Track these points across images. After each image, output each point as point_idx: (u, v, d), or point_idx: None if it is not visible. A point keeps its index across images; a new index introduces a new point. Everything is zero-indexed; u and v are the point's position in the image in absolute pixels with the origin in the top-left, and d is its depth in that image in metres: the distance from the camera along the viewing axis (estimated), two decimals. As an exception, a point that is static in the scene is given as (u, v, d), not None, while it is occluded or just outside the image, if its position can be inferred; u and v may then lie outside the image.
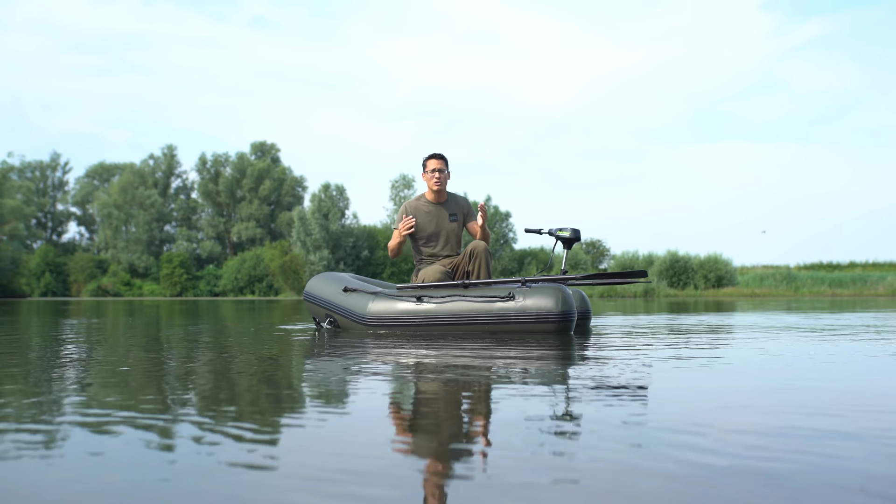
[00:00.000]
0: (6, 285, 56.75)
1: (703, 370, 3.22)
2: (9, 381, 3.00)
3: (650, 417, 2.07)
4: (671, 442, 1.74)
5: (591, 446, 1.71)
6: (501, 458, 1.61)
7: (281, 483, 1.42)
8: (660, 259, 40.35)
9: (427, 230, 6.00)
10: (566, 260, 6.09)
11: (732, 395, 2.54)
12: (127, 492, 1.38)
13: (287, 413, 2.20)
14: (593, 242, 53.87)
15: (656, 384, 2.78)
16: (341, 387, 2.77)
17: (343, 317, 5.80)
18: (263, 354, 4.12)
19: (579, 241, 6.10)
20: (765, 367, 3.36)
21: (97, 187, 74.35)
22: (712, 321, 7.86)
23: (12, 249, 57.32)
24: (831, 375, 3.10)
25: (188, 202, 72.26)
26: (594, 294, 35.91)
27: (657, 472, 1.48)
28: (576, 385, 2.71)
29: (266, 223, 69.45)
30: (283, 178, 70.01)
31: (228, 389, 2.75)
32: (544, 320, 5.22)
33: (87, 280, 61.46)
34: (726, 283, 38.75)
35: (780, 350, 4.20)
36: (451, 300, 5.40)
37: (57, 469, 1.54)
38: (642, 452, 1.64)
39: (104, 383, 2.91)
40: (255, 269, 56.69)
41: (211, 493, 1.36)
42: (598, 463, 1.55)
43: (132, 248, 66.66)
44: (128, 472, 1.51)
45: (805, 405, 2.28)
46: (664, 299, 27.69)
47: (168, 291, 59.78)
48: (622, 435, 1.82)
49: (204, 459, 1.60)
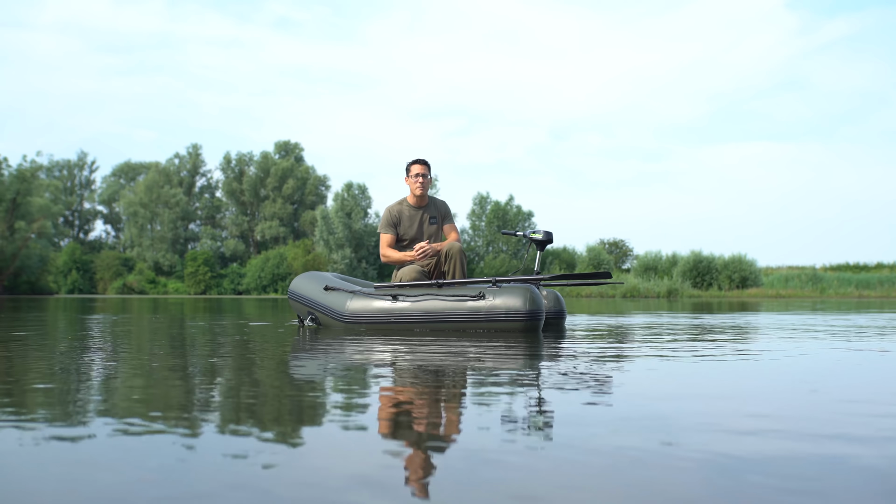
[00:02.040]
0: (34, 282, 57.53)
1: (650, 370, 3.21)
2: (37, 376, 3.06)
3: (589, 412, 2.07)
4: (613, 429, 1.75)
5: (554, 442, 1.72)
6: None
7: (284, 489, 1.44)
8: (683, 259, 40.09)
9: (409, 233, 6.23)
10: (539, 261, 6.28)
11: (669, 394, 2.53)
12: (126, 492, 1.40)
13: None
14: (616, 242, 53.61)
15: (593, 380, 2.78)
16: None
17: (323, 314, 6.01)
18: (236, 353, 4.16)
19: (551, 243, 6.29)
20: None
21: (123, 186, 75.17)
22: (691, 322, 7.81)
23: (40, 247, 58.10)
24: (803, 370, 3.08)
25: (212, 201, 72.83)
26: (616, 294, 35.78)
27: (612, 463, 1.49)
28: (521, 378, 2.71)
29: (289, 222, 69.85)
30: (306, 177, 70.36)
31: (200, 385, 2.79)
32: (513, 319, 5.36)
33: (113, 278, 62.12)
34: (751, 284, 38.42)
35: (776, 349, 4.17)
36: (425, 299, 5.58)
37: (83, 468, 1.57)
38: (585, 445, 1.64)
39: (126, 382, 2.95)
40: (279, 267, 57.03)
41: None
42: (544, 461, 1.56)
43: (157, 246, 67.32)
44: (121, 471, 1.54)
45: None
46: (687, 300, 27.51)
47: (192, 289, 60.26)
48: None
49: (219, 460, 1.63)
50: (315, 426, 1.96)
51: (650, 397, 2.41)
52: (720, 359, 3.64)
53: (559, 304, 6.27)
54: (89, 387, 2.70)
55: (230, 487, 1.34)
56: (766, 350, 4.18)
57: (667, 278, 38.47)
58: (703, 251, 40.23)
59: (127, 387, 2.68)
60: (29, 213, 56.74)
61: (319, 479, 1.41)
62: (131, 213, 69.14)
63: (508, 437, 1.78)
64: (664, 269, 40.88)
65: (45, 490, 1.35)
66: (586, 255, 46.70)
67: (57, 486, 1.37)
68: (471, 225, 58.40)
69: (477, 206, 58.08)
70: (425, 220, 6.25)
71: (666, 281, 37.69)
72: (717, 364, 3.43)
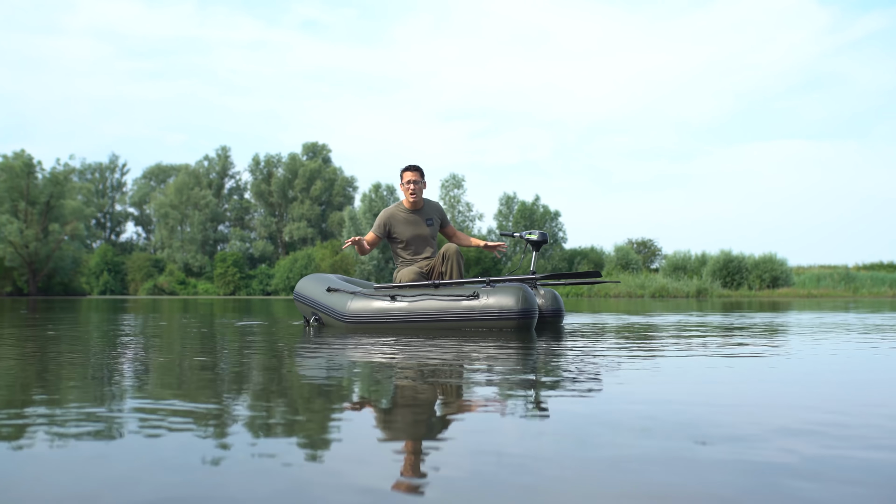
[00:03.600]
0: (67, 284, 58.35)
1: (625, 371, 3.18)
2: (71, 372, 3.10)
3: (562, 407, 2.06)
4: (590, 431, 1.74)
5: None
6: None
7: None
8: (713, 259, 39.70)
9: (405, 236, 6.42)
10: (535, 261, 6.39)
11: (651, 395, 2.51)
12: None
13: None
14: (644, 242, 53.26)
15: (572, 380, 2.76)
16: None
17: (326, 314, 6.18)
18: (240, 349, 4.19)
19: (546, 243, 6.45)
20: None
21: (154, 188, 76.09)
22: (699, 321, 7.73)
23: (73, 249, 58.92)
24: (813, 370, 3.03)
25: (241, 202, 73.44)
26: (645, 294, 35.54)
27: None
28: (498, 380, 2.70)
29: (317, 223, 70.23)
30: (333, 178, 70.71)
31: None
32: (505, 318, 5.48)
33: (144, 279, 62.84)
34: (781, 284, 37.96)
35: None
36: (422, 299, 5.73)
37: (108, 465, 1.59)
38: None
39: (157, 379, 2.99)
40: (307, 268, 57.32)
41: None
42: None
43: (187, 247, 68.00)
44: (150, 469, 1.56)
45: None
46: (717, 300, 27.27)
47: (222, 290, 60.78)
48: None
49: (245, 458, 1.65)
50: (315, 429, 1.97)
51: (631, 400, 2.40)
52: (713, 357, 3.61)
53: (557, 303, 6.34)
54: (120, 383, 2.73)
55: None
56: (791, 350, 4.13)
57: (696, 278, 38.14)
58: (732, 250, 39.80)
59: (145, 385, 2.71)
60: (62, 216, 57.57)
61: (328, 481, 1.42)
62: (162, 214, 69.91)
63: (529, 438, 1.78)
64: (693, 268, 40.53)
65: (70, 488, 1.37)
66: (614, 254, 46.43)
67: (82, 486, 1.40)
68: (498, 225, 58.37)
69: (504, 206, 58.01)
70: (421, 223, 6.46)
71: (695, 281, 37.37)
72: (714, 364, 3.39)
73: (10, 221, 54.06)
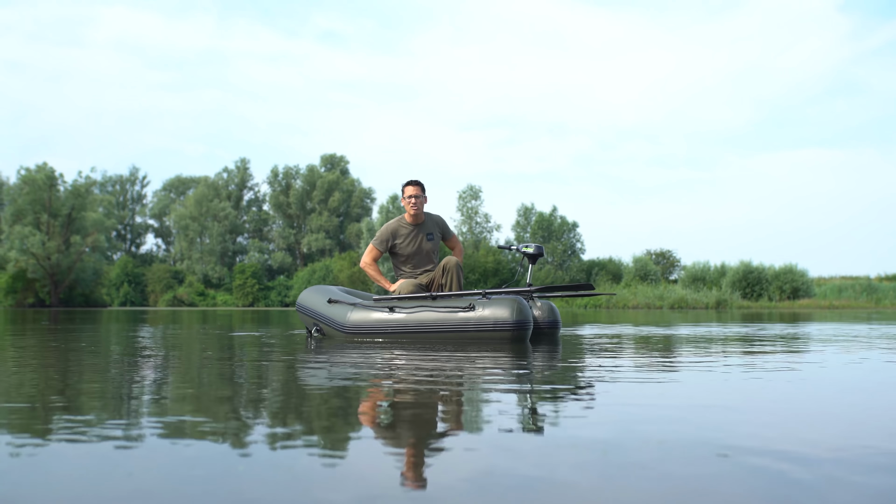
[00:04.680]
0: (88, 295, 58.83)
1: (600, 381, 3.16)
2: (92, 382, 3.14)
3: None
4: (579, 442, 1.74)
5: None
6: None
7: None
8: (732, 269, 39.45)
9: (407, 251, 6.55)
10: (530, 273, 6.53)
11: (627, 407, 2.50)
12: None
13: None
14: (663, 253, 53.02)
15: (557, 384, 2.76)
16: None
17: (327, 325, 6.30)
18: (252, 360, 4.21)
19: (542, 256, 6.56)
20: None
21: (173, 200, 76.70)
22: (694, 332, 7.68)
23: (94, 260, 59.43)
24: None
25: (260, 214, 73.87)
26: (664, 305, 35.35)
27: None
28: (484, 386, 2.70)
29: (335, 234, 70.50)
30: (351, 189, 71.01)
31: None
32: (500, 329, 5.56)
33: (164, 290, 63.27)
34: (802, 295, 37.64)
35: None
36: (419, 311, 5.83)
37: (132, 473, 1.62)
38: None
39: (176, 390, 3.02)
40: (325, 279, 57.52)
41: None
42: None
43: (206, 259, 68.44)
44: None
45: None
46: (737, 311, 27.08)
47: (240, 301, 61.07)
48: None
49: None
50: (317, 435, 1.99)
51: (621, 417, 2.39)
52: (712, 371, 3.59)
53: (553, 314, 6.42)
54: (140, 392, 2.77)
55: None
56: (810, 362, 4.11)
57: (715, 289, 37.89)
58: (752, 261, 39.55)
59: (164, 393, 2.74)
60: (83, 228, 58.12)
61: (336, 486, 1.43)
62: (181, 226, 70.46)
63: (546, 447, 1.79)
64: (713, 279, 40.27)
65: (90, 493, 1.39)
66: (632, 265, 46.25)
67: (100, 496, 1.42)
68: (516, 236, 58.33)
69: (521, 216, 57.98)
70: (422, 238, 6.58)
71: (714, 292, 37.13)
72: (710, 377, 3.38)
73: (33, 233, 54.64)
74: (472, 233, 57.06)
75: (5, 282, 55.00)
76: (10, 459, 1.65)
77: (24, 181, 56.43)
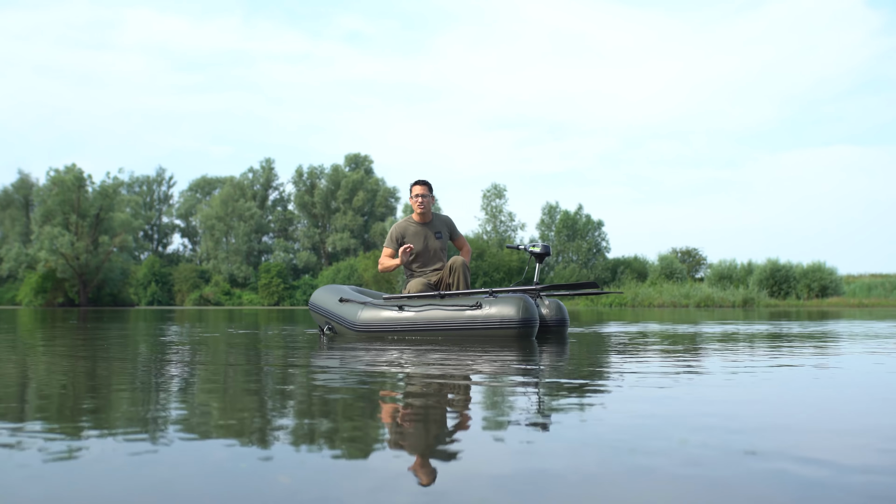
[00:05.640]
0: (116, 294, 59.54)
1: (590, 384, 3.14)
2: (121, 380, 3.18)
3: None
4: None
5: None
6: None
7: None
8: (759, 268, 39.05)
9: (415, 249, 6.65)
10: (538, 272, 6.65)
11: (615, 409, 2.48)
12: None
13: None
14: (689, 251, 52.64)
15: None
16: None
17: (338, 324, 6.43)
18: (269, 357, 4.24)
19: (549, 256, 6.77)
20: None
21: (199, 200, 77.31)
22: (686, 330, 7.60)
23: (122, 260, 60.17)
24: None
25: (285, 214, 74.27)
26: (690, 304, 35.10)
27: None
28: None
29: (360, 234, 70.72)
30: (376, 189, 71.20)
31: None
32: (506, 327, 5.68)
33: (190, 289, 63.81)
34: (831, 293, 37.18)
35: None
36: (428, 309, 5.96)
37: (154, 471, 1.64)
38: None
39: (203, 389, 3.05)
40: (350, 278, 57.74)
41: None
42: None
43: (232, 258, 68.92)
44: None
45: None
46: (764, 309, 26.83)
47: (266, 301, 61.45)
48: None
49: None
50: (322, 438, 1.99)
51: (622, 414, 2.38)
52: (700, 373, 3.56)
53: (561, 312, 6.53)
54: (167, 391, 2.80)
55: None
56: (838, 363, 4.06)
57: (742, 287, 37.55)
58: (780, 259, 39.14)
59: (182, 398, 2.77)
60: (111, 228, 58.83)
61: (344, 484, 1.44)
62: (207, 226, 71.00)
63: (571, 446, 1.79)
64: (739, 277, 39.91)
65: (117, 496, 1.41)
66: (658, 264, 45.97)
67: (125, 493, 1.44)
68: (540, 235, 58.19)
69: (546, 215, 57.83)
70: (430, 236, 6.72)
71: (741, 290, 36.79)
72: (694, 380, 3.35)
73: (62, 234, 55.39)
74: (497, 231, 57.00)
75: (35, 281, 55.81)
76: (43, 463, 1.68)
77: (53, 182, 57.22)
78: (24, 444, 1.79)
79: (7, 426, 2.02)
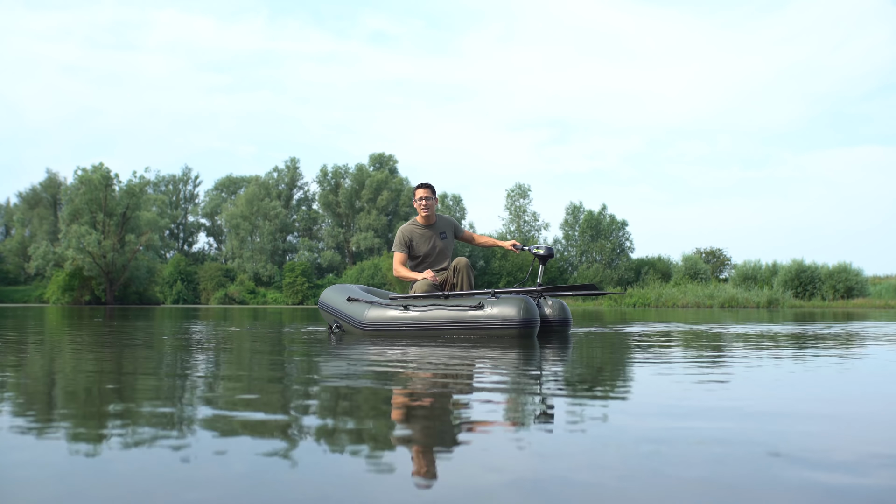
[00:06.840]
0: (142, 293, 60.09)
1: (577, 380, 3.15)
2: (146, 372, 3.26)
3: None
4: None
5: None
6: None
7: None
8: (784, 268, 38.70)
9: (422, 251, 6.85)
10: (541, 273, 6.73)
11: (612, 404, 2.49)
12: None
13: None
14: (713, 251, 52.27)
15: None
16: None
17: (346, 322, 6.57)
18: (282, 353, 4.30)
19: (553, 257, 6.83)
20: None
21: (225, 199, 77.86)
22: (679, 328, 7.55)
23: (148, 259, 60.72)
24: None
25: (309, 213, 74.59)
26: (714, 304, 34.86)
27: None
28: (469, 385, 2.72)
29: (384, 233, 70.87)
30: (400, 188, 71.31)
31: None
32: (508, 327, 5.79)
33: (216, 288, 64.24)
34: (856, 294, 36.75)
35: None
36: (432, 309, 6.09)
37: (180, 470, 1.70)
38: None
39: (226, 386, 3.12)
40: (374, 277, 57.89)
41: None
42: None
43: (257, 257, 69.33)
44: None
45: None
46: (789, 310, 26.58)
47: (290, 299, 61.74)
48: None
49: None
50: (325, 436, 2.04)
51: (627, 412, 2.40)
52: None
53: (564, 312, 6.66)
54: (187, 387, 2.87)
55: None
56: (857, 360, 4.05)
57: (767, 288, 37.21)
58: (805, 260, 38.75)
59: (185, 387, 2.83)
60: (138, 227, 59.38)
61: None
62: (233, 225, 71.47)
63: (591, 443, 1.83)
64: (764, 278, 39.57)
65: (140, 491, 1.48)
66: (682, 264, 45.70)
67: (149, 488, 1.50)
68: (564, 235, 57.96)
69: (570, 215, 57.66)
70: (435, 237, 6.88)
71: (766, 291, 36.46)
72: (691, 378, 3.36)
73: (89, 232, 56.00)
74: (521, 231, 56.90)
75: (63, 279, 56.47)
76: (69, 460, 1.75)
77: (80, 181, 57.87)
78: (48, 435, 1.86)
79: (32, 419, 2.10)
